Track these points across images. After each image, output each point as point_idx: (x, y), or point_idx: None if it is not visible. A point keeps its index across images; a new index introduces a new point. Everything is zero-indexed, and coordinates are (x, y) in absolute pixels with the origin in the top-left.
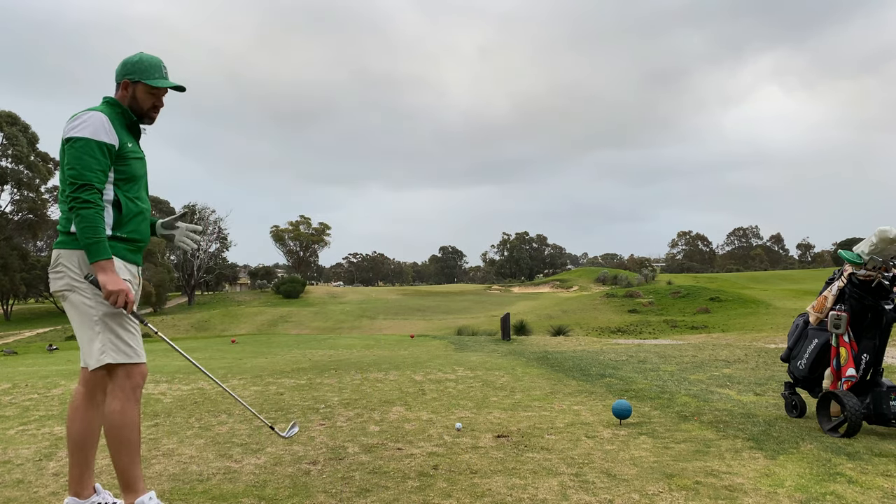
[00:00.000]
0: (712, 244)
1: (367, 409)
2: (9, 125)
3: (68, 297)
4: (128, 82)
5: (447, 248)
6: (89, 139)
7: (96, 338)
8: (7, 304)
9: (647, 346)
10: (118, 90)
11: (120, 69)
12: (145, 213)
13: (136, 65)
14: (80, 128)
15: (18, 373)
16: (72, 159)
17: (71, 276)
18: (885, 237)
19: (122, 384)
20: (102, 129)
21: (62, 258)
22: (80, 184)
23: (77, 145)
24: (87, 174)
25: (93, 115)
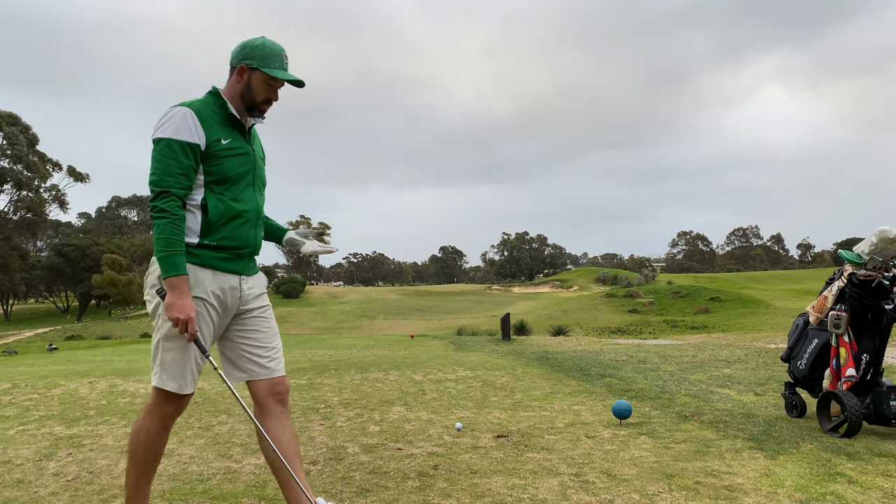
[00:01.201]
0: (712, 244)
1: (367, 409)
2: (9, 125)
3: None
4: (244, 67)
5: (447, 248)
6: (171, 140)
7: (155, 357)
8: (7, 304)
9: (647, 347)
10: (232, 75)
11: (238, 52)
12: (246, 216)
13: (256, 49)
14: (162, 127)
15: (18, 373)
16: (152, 163)
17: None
18: (886, 237)
19: (157, 408)
20: (185, 127)
21: (152, 267)
22: (159, 191)
23: (159, 147)
24: (166, 179)
25: (176, 112)
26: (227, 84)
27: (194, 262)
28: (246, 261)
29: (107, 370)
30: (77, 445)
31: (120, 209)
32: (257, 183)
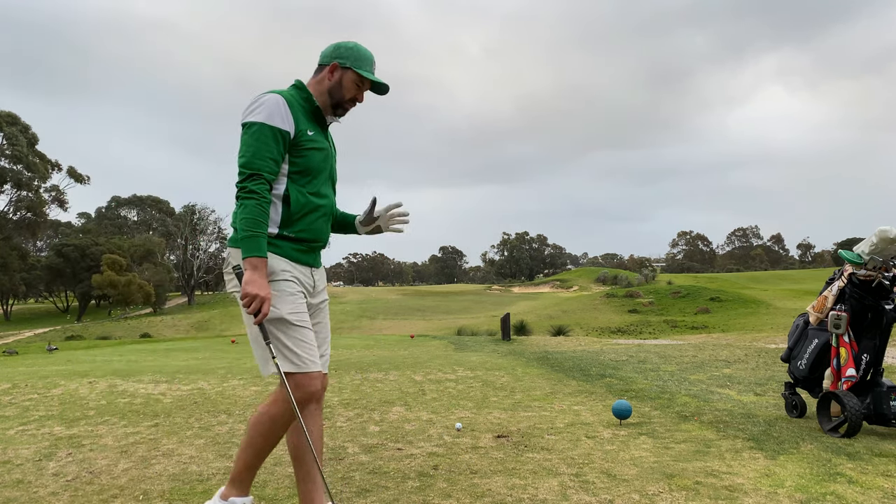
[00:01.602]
0: (712, 244)
1: (367, 409)
2: (8, 125)
3: (237, 298)
4: (337, 65)
5: (447, 248)
6: (263, 124)
7: (263, 346)
8: (7, 304)
9: (647, 347)
10: (321, 72)
11: (331, 51)
12: (323, 210)
13: (350, 50)
14: (255, 112)
15: (18, 373)
16: (243, 146)
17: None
18: (886, 237)
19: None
20: (277, 114)
21: (231, 257)
22: (249, 173)
23: (251, 131)
24: (256, 162)
25: (269, 98)
26: (312, 80)
27: (274, 251)
28: (317, 254)
29: (106, 370)
30: (77, 445)
31: (120, 209)
32: (333, 179)
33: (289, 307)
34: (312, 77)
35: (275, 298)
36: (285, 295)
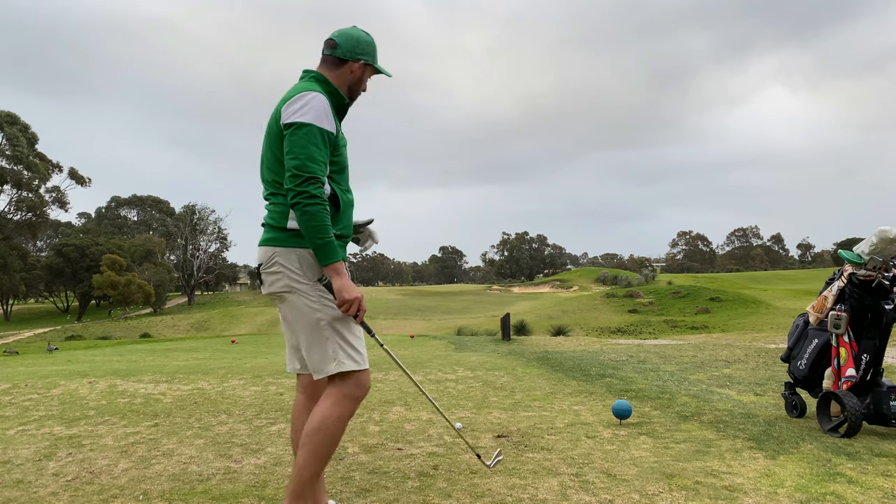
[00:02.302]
0: (712, 244)
1: (367, 409)
2: (9, 125)
3: (289, 299)
4: (363, 63)
5: (447, 248)
6: (312, 125)
7: (326, 343)
8: (7, 304)
9: (647, 347)
10: (340, 67)
11: (353, 46)
12: (353, 205)
13: (370, 45)
14: (303, 111)
15: (18, 373)
16: (295, 147)
17: (291, 277)
18: (886, 237)
19: (350, 392)
20: (324, 115)
21: (279, 257)
22: (307, 176)
23: (301, 132)
24: (311, 165)
25: (315, 98)
26: (331, 73)
27: None
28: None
29: (106, 370)
30: (77, 445)
31: (120, 209)
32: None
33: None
34: (329, 69)
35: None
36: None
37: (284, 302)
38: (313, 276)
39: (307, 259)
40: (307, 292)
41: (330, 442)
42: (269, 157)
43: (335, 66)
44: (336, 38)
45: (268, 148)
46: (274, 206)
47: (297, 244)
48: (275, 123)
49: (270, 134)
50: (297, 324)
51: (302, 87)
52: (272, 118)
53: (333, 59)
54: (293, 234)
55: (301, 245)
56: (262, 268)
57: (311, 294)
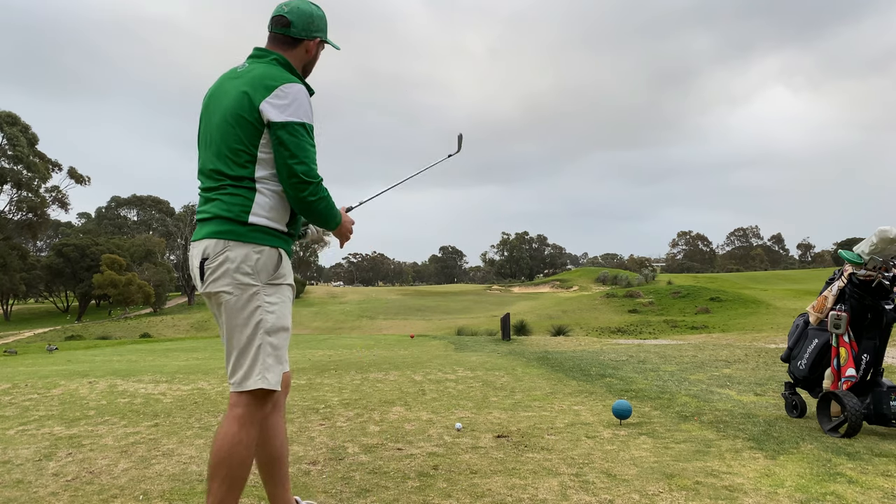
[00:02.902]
0: (712, 244)
1: (367, 409)
2: (9, 125)
3: (229, 300)
4: (319, 40)
5: (447, 248)
6: (306, 124)
7: (257, 354)
8: (7, 304)
9: (647, 346)
10: (296, 46)
11: (307, 23)
12: None
13: (322, 20)
14: (295, 108)
15: (18, 373)
16: (297, 150)
17: (239, 277)
18: (886, 237)
19: (255, 413)
20: (310, 109)
21: (231, 252)
22: (317, 182)
23: (300, 133)
24: (315, 168)
25: (301, 91)
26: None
27: (284, 248)
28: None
29: (106, 370)
30: (77, 445)
31: (119, 209)
32: None
33: (290, 318)
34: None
35: (281, 305)
36: (288, 302)
37: (223, 303)
38: (266, 277)
39: (263, 259)
40: (252, 296)
41: (243, 469)
42: (230, 146)
43: (290, 46)
44: (288, 14)
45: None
46: (232, 196)
47: (256, 240)
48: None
49: (240, 125)
50: (231, 329)
51: (275, 73)
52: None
53: (287, 38)
54: (254, 230)
55: (261, 242)
56: (206, 262)
57: (256, 299)
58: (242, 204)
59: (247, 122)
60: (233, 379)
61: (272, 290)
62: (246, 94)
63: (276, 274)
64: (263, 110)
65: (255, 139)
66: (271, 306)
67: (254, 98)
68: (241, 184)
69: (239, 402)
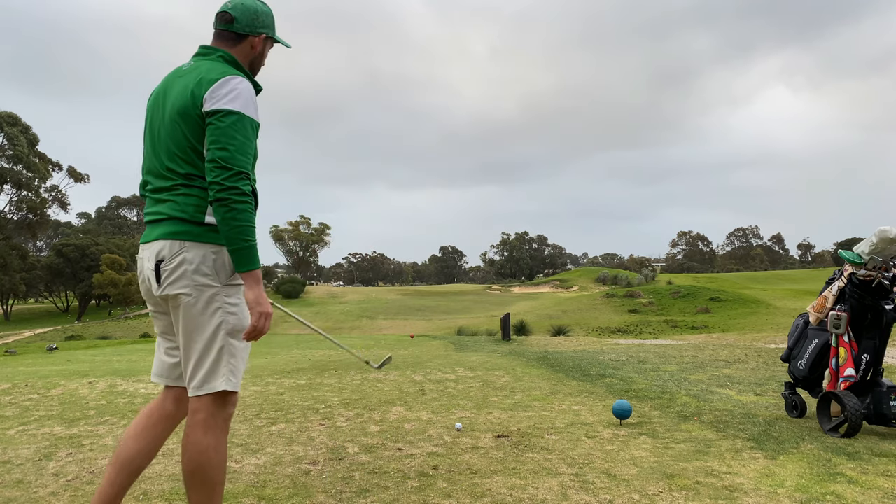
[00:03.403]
0: (712, 244)
1: (367, 409)
2: (9, 125)
3: (187, 302)
4: (265, 36)
5: (447, 248)
6: (242, 114)
7: (218, 357)
8: (7, 304)
9: (647, 347)
10: (240, 42)
11: (252, 19)
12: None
13: (269, 16)
14: (231, 98)
15: (18, 373)
16: (223, 137)
17: (197, 278)
18: (886, 237)
19: (218, 415)
20: (253, 104)
21: (188, 253)
22: (237, 170)
23: (230, 120)
24: (240, 158)
25: (244, 84)
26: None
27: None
28: None
29: (106, 370)
30: (77, 445)
31: (120, 209)
32: None
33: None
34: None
35: (241, 307)
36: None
37: (181, 305)
38: (225, 278)
39: (221, 259)
40: (211, 297)
41: (218, 473)
42: (178, 144)
43: (234, 42)
44: (231, 10)
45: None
46: (186, 197)
47: (212, 240)
48: (192, 107)
49: (185, 120)
50: (189, 332)
51: (220, 69)
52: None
53: (231, 35)
54: (210, 230)
55: (217, 242)
56: (163, 264)
57: (216, 300)
58: (197, 204)
59: (192, 118)
60: (193, 383)
61: (232, 291)
62: (190, 91)
63: (235, 274)
64: (205, 104)
65: (200, 135)
66: (232, 307)
67: (197, 95)
68: (193, 183)
69: (200, 408)
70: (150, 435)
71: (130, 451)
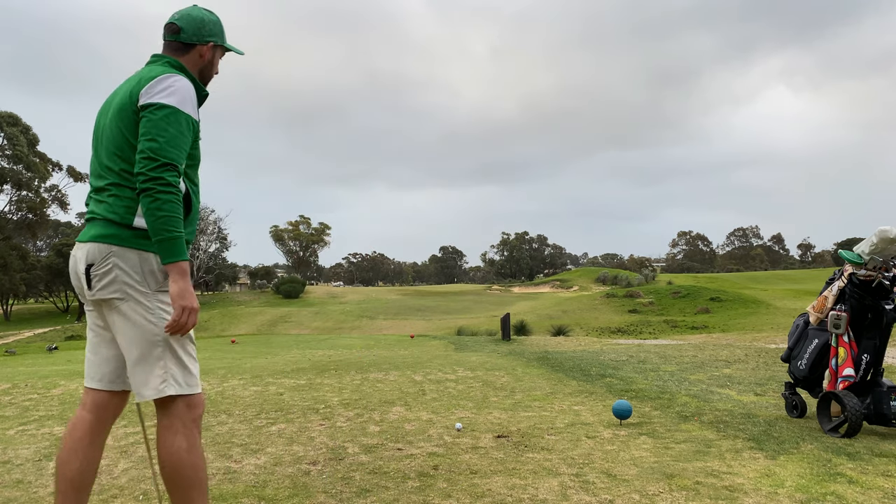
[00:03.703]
0: (712, 244)
1: (367, 409)
2: (9, 125)
3: (120, 307)
4: (213, 45)
5: (447, 248)
6: (177, 109)
7: (158, 362)
8: (7, 304)
9: (647, 347)
10: (188, 52)
11: (198, 28)
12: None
13: (217, 25)
14: (167, 94)
15: (18, 373)
16: (154, 129)
17: (128, 283)
18: (886, 237)
19: (183, 417)
20: (190, 100)
21: (116, 257)
22: (164, 161)
23: (162, 113)
24: (170, 150)
25: (181, 81)
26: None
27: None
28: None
29: None
30: None
31: None
32: None
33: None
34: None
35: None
36: None
37: (114, 310)
38: (155, 284)
39: (150, 264)
40: (145, 302)
41: (196, 472)
42: (115, 142)
43: (182, 52)
44: (178, 21)
45: (116, 132)
46: (117, 198)
47: (140, 246)
48: (129, 105)
49: (121, 117)
50: (125, 337)
51: (161, 70)
52: (121, 99)
53: (178, 45)
54: (138, 234)
55: (146, 248)
56: (92, 268)
57: (149, 304)
58: (128, 206)
59: (128, 114)
60: (135, 390)
61: (164, 296)
62: (130, 91)
63: (166, 280)
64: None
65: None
66: (165, 312)
67: (134, 92)
68: (125, 182)
69: (162, 413)
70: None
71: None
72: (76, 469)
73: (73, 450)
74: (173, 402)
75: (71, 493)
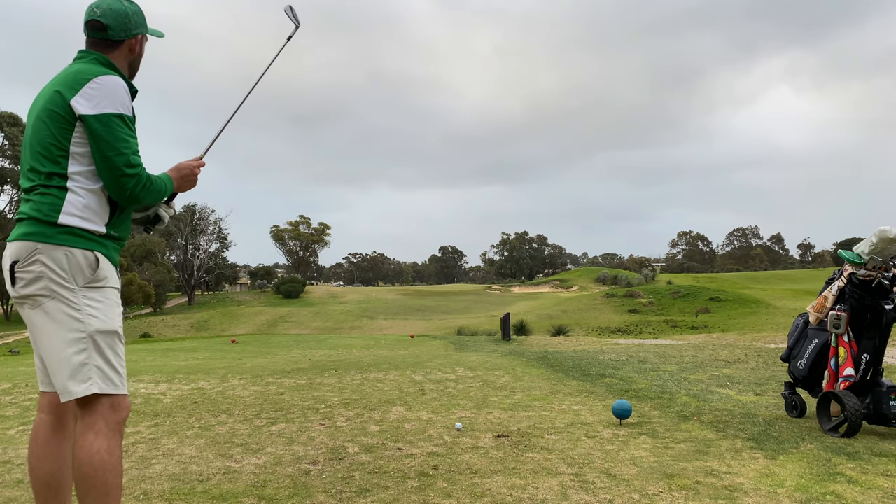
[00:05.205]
0: (712, 244)
1: (367, 409)
2: (9, 125)
3: (45, 304)
4: (140, 36)
5: (447, 248)
6: (122, 114)
7: (81, 361)
8: (7, 304)
9: (647, 346)
10: (117, 48)
11: (124, 24)
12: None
13: (139, 14)
14: (108, 100)
15: (19, 373)
16: (114, 140)
17: (53, 279)
18: (885, 237)
19: (107, 418)
20: (127, 100)
21: (41, 255)
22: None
23: (114, 124)
24: (135, 158)
25: (116, 81)
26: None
27: (103, 252)
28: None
29: None
30: None
31: None
32: None
33: (119, 319)
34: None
35: (106, 307)
36: (115, 305)
37: (38, 307)
38: (82, 280)
39: (76, 261)
40: (70, 299)
41: (112, 476)
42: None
43: (111, 49)
44: (102, 18)
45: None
46: (43, 196)
47: (66, 242)
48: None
49: (51, 118)
50: (50, 335)
51: (90, 69)
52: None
53: (106, 42)
54: (64, 231)
55: (72, 244)
56: (17, 265)
57: (73, 301)
58: (53, 203)
59: (58, 116)
60: (58, 388)
61: (92, 293)
62: (57, 92)
63: (94, 277)
64: (75, 105)
65: (66, 133)
66: (92, 309)
67: (65, 94)
68: (51, 182)
69: (85, 411)
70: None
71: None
72: (48, 471)
73: (40, 454)
74: (98, 400)
75: (50, 497)
